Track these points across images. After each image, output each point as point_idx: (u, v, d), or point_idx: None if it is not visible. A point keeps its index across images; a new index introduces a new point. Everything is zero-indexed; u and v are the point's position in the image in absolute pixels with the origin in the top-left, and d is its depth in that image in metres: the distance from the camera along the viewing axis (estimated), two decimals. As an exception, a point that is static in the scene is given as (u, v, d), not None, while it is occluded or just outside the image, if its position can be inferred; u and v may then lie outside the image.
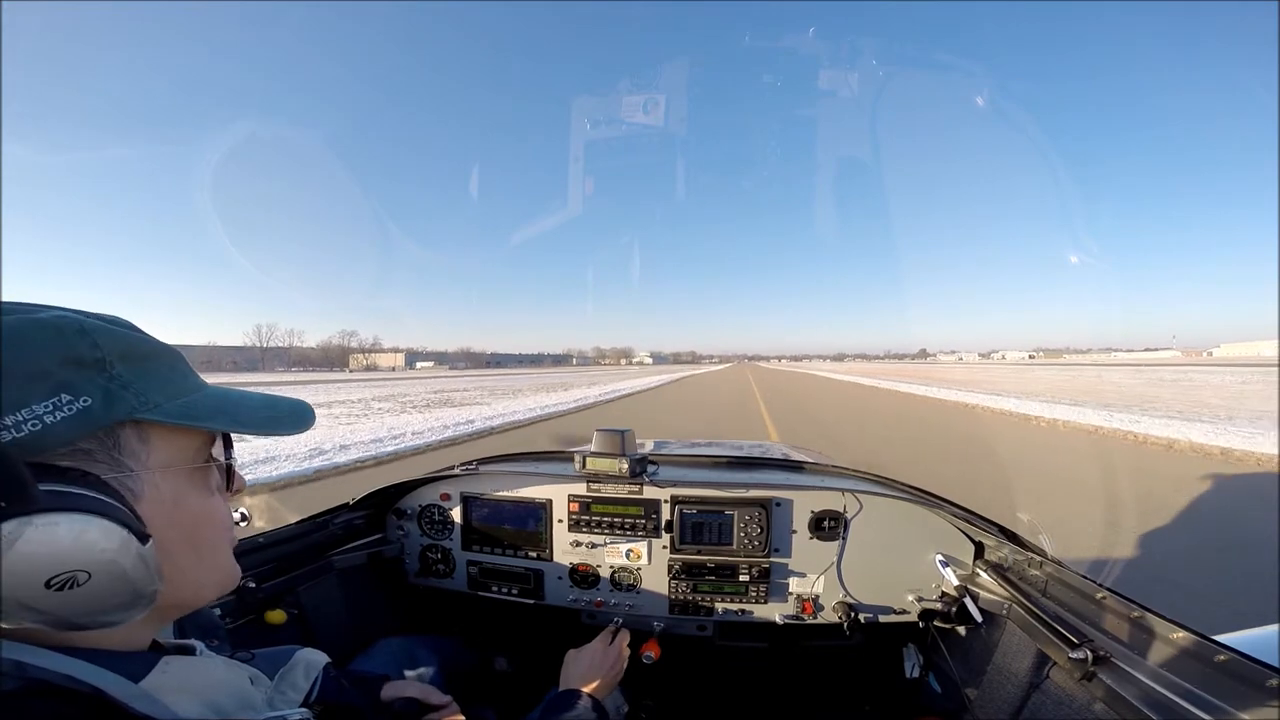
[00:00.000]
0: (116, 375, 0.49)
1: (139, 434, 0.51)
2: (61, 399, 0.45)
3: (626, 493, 1.61)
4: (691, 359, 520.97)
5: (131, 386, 0.50)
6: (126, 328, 0.54)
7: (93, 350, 0.48)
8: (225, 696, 0.57)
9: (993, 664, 1.28)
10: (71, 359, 0.47)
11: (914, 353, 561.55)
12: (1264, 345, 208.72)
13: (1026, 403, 16.95)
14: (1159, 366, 70.68)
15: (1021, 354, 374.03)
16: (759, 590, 1.55)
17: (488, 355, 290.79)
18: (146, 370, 0.52)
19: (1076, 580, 1.14)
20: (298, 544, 1.49)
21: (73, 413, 0.45)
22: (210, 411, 0.55)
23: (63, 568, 0.41)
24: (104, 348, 0.49)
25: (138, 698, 0.47)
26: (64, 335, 0.47)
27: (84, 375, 0.47)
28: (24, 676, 0.43)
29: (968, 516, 1.43)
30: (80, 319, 0.49)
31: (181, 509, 0.53)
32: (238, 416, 0.58)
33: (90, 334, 0.48)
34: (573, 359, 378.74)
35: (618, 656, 1.31)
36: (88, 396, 0.46)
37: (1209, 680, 0.80)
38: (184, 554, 0.53)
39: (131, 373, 0.50)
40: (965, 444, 9.87)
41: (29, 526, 0.40)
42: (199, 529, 0.56)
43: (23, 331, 0.45)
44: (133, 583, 0.45)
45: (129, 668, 0.49)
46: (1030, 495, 5.94)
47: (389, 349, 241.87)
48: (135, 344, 0.52)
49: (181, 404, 0.53)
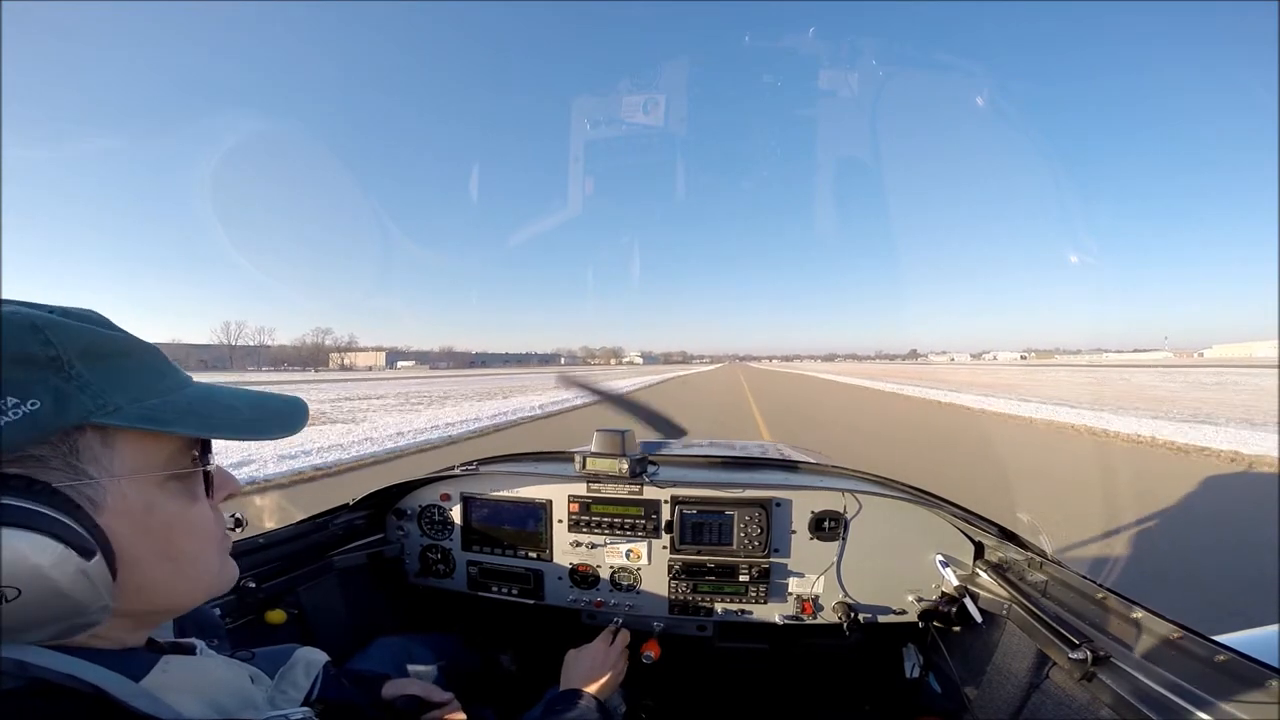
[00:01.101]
0: (74, 375, 0.45)
1: (103, 439, 0.47)
2: (7, 402, 0.42)
3: (626, 493, 1.63)
4: (682, 359, 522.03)
5: (90, 388, 0.46)
6: (94, 323, 0.50)
7: (45, 348, 0.44)
8: (226, 695, 0.57)
9: (993, 664, 1.30)
10: (20, 358, 0.43)
11: (904, 353, 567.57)
12: (1256, 346, 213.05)
13: (1065, 410, 14.82)
14: (1152, 368, 71.88)
15: (1013, 355, 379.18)
16: (759, 590, 1.57)
17: (472, 355, 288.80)
18: (110, 369, 0.48)
19: (1076, 580, 1.16)
20: (298, 544, 1.50)
21: (18, 417, 0.42)
22: (179, 414, 0.51)
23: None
24: (59, 345, 0.45)
25: (139, 696, 0.47)
26: (13, 331, 0.44)
27: (34, 375, 0.43)
28: (25, 676, 0.43)
29: (967, 516, 1.45)
30: (33, 314, 0.45)
31: (154, 517, 0.50)
32: (211, 419, 0.54)
33: (43, 330, 0.45)
34: (561, 359, 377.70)
35: (619, 657, 1.32)
36: (36, 399, 0.43)
37: (1209, 680, 0.82)
38: (157, 564, 0.51)
39: (92, 372, 0.47)
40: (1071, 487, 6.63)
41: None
42: (175, 539, 0.52)
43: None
44: (71, 599, 0.43)
45: (129, 667, 0.49)
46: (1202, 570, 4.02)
47: (371, 348, 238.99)
48: (100, 341, 0.49)
49: (147, 406, 0.50)
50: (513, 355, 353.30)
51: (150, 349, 0.53)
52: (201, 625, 0.70)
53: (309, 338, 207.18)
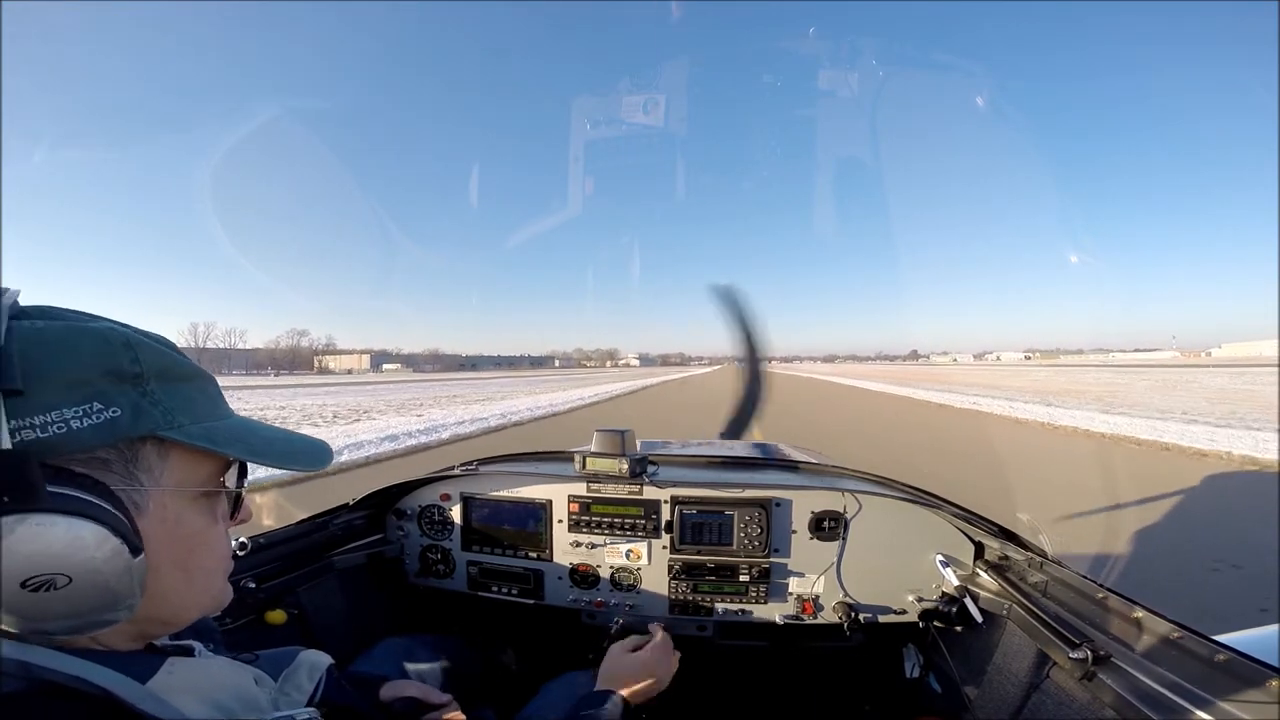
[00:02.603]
0: (149, 392, 0.52)
1: (159, 451, 0.53)
2: (93, 407, 0.47)
3: (626, 493, 1.66)
4: (680, 360, 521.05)
5: (161, 404, 0.52)
6: (169, 347, 0.57)
7: (133, 365, 0.51)
8: (231, 698, 0.59)
9: (993, 664, 1.33)
10: (112, 370, 0.49)
11: (905, 354, 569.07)
12: (1265, 344, 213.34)
13: (1118, 418, 13.15)
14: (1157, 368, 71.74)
15: (1016, 355, 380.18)
16: (759, 590, 1.60)
17: (463, 357, 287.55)
18: (179, 391, 0.55)
19: (1076, 580, 1.18)
20: (298, 544, 1.53)
21: (100, 421, 0.48)
22: (230, 439, 0.58)
23: (43, 569, 0.43)
24: (144, 364, 0.52)
25: (145, 699, 0.49)
26: (110, 347, 0.50)
27: (119, 388, 0.50)
28: (30, 677, 0.45)
29: (967, 516, 1.48)
30: (128, 333, 0.52)
31: (181, 529, 0.56)
32: (255, 447, 0.60)
33: (134, 349, 0.51)
34: (555, 361, 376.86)
35: (666, 662, 1.24)
36: (117, 408, 0.49)
37: (1209, 680, 0.83)
38: (173, 574, 0.55)
39: (164, 391, 0.53)
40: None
41: (22, 524, 0.42)
42: (194, 552, 0.57)
43: (71, 339, 0.48)
44: (113, 592, 0.47)
45: (135, 669, 0.51)
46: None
47: (356, 350, 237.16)
48: (174, 364, 0.55)
49: (204, 428, 0.56)
50: (505, 358, 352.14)
51: (209, 377, 0.60)
52: (197, 628, 0.71)
53: (283, 339, 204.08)
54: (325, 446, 0.69)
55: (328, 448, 0.69)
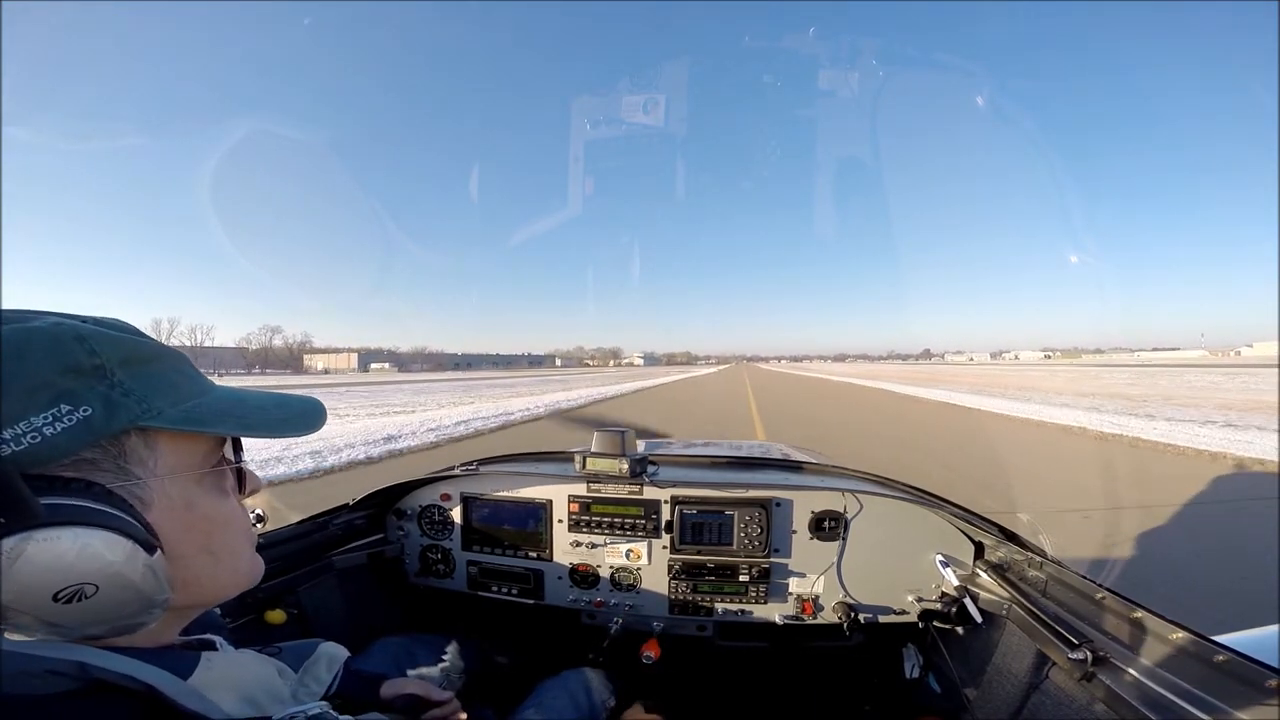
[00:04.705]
0: (118, 382, 0.51)
1: (145, 441, 0.52)
2: (61, 409, 0.46)
3: (626, 493, 1.70)
4: (686, 360, 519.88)
5: (134, 393, 0.51)
6: (126, 331, 0.56)
7: (90, 357, 0.50)
8: (259, 690, 0.63)
9: (992, 664, 1.36)
10: (70, 367, 0.48)
11: (917, 353, 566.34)
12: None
13: (1190, 426, 10.52)
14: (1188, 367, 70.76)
15: (1035, 354, 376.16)
16: (759, 590, 1.64)
17: (457, 356, 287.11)
18: (149, 375, 0.54)
19: (1076, 580, 1.21)
20: (298, 544, 1.57)
21: (73, 423, 0.47)
22: (217, 415, 0.58)
23: (68, 581, 0.44)
24: (102, 354, 0.50)
25: (187, 695, 0.51)
26: (61, 343, 0.48)
27: (84, 384, 0.48)
28: (84, 677, 0.47)
29: (967, 516, 1.51)
30: (76, 325, 0.51)
31: (195, 514, 0.56)
32: (246, 419, 0.60)
33: (88, 340, 0.50)
34: (556, 360, 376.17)
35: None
36: (88, 406, 0.48)
37: (1208, 680, 0.84)
38: (200, 558, 0.57)
39: (133, 378, 0.52)
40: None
41: (30, 542, 0.42)
42: (214, 533, 0.58)
43: (18, 342, 0.46)
44: (142, 592, 0.48)
45: (177, 665, 0.53)
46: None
47: (346, 349, 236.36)
48: (136, 348, 0.54)
49: (186, 408, 0.55)
50: (502, 357, 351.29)
51: (178, 354, 0.59)
52: (204, 624, 0.74)
53: (255, 336, 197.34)
54: (319, 406, 0.68)
55: (321, 407, 0.68)
